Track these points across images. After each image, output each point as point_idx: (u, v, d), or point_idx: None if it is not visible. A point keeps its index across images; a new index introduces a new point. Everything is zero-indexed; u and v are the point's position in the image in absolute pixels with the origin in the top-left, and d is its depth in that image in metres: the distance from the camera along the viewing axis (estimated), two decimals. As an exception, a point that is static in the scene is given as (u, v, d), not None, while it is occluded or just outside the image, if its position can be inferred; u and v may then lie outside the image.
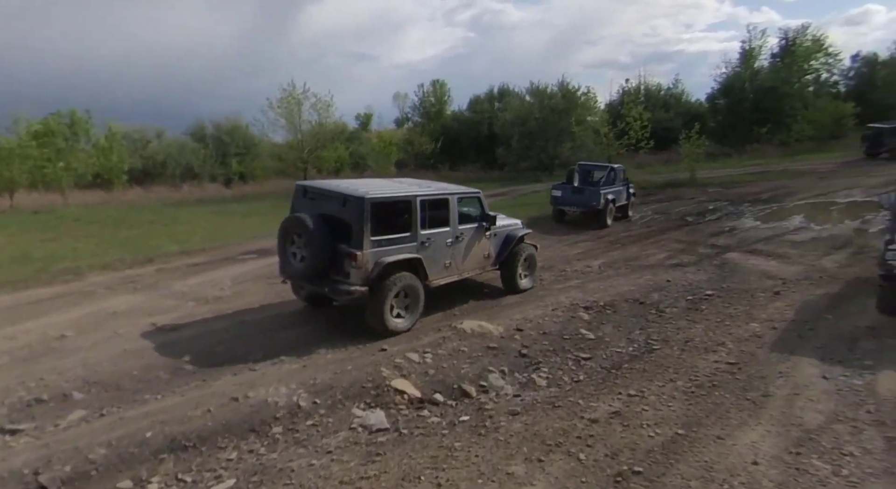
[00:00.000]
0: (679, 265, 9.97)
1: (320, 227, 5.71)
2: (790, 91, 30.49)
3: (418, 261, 6.16)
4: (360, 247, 5.58)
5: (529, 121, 26.03)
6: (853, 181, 20.04)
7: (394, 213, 6.17)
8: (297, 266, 5.93)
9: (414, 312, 6.19)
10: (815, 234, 12.17)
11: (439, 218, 6.52)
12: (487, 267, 7.53)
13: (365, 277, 5.65)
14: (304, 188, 6.43)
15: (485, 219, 7.21)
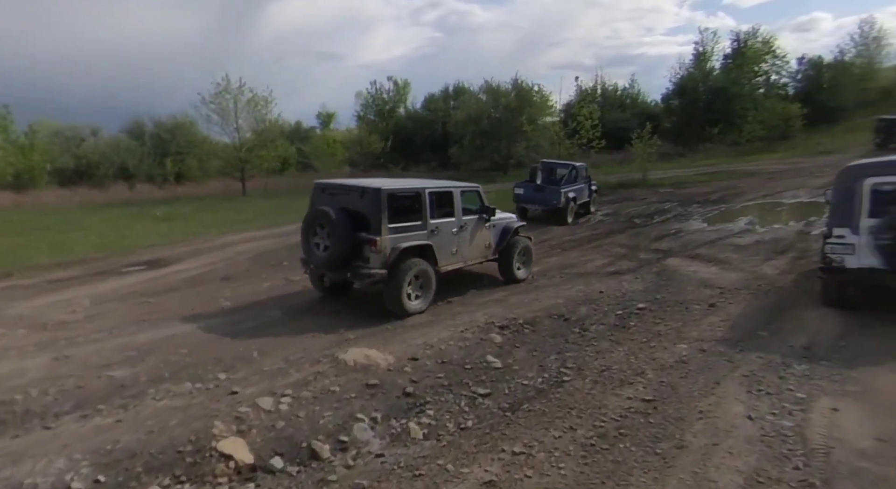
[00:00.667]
0: (617, 273, 9.28)
1: (342, 217, 6.29)
2: (741, 92, 30.79)
3: (429, 247, 6.80)
4: (378, 233, 6.20)
5: (483, 119, 25.29)
6: (800, 181, 20.06)
7: (406, 204, 6.75)
8: (321, 255, 6.49)
9: (427, 295, 6.81)
10: (758, 236, 11.73)
11: (445, 209, 7.21)
12: (488, 256, 8.13)
13: (384, 261, 6.26)
14: (322, 186, 7.07)
15: (485, 211, 7.86)
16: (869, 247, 5.99)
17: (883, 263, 5.92)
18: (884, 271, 5.94)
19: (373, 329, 6.18)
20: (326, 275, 7.06)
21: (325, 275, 7.07)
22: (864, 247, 6.03)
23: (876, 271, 5.99)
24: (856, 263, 6.09)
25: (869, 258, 6.01)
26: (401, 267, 6.41)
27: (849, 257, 6.14)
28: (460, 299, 7.65)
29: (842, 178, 6.54)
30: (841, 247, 6.19)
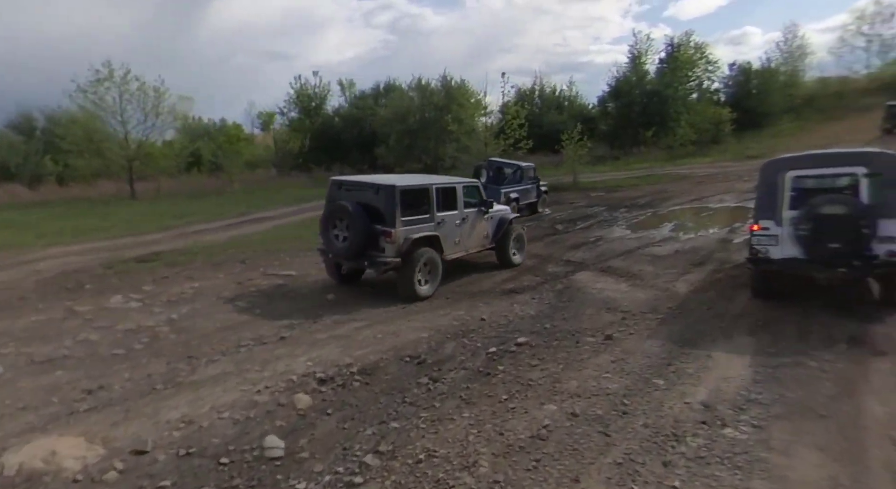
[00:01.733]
0: (514, 291, 7.84)
1: (359, 211, 6.83)
2: (674, 95, 30.68)
3: (436, 237, 7.41)
4: (393, 225, 6.77)
5: (410, 118, 23.69)
6: (728, 186, 19.56)
7: (416, 198, 7.29)
8: (340, 246, 7.01)
9: (434, 281, 7.43)
10: (679, 245, 10.65)
11: (449, 203, 7.80)
12: (486, 245, 8.78)
13: (397, 251, 6.84)
14: (338, 182, 7.62)
15: (483, 204, 8.48)
16: (790, 238, 6.12)
17: (803, 253, 6.06)
18: (804, 261, 6.09)
19: (118, 400, 4.35)
20: (344, 264, 7.56)
21: (343, 264, 7.57)
22: (786, 238, 6.17)
23: (797, 261, 6.14)
24: (779, 254, 6.24)
25: (791, 249, 6.14)
26: (413, 255, 7.01)
27: (773, 248, 6.28)
28: (299, 332, 5.95)
29: (765, 171, 6.62)
30: (765, 238, 6.35)
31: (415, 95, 24.99)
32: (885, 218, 5.68)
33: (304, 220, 14.66)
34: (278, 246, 11.02)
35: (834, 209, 5.80)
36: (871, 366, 4.75)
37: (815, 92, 36.07)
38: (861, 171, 5.97)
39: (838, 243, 5.76)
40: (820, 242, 5.87)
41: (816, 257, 5.96)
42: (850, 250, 5.75)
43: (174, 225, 13.42)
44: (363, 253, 7.01)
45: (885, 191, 5.78)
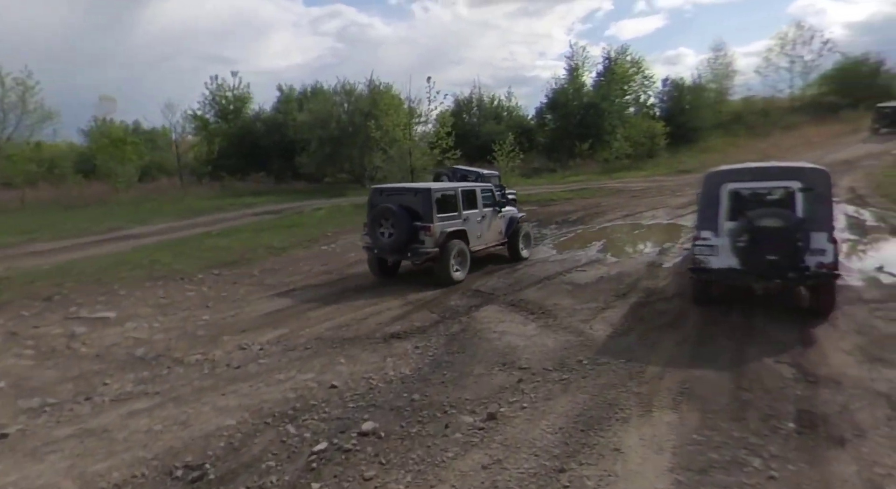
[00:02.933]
0: (396, 337, 6.22)
1: (402, 211, 8.14)
2: (610, 108, 30.43)
3: (463, 231, 8.79)
4: (431, 221, 8.15)
5: (331, 123, 21.81)
6: (661, 200, 18.89)
7: (446, 199, 8.66)
8: (387, 241, 8.20)
9: (464, 268, 8.78)
10: (604, 270, 9.41)
11: (471, 203, 9.12)
12: (500, 240, 9.92)
13: (435, 243, 8.18)
14: (380, 189, 8.93)
15: (497, 204, 9.73)
16: (728, 248, 6.19)
17: (740, 264, 6.15)
18: (741, 271, 6.18)
19: None
20: (390, 257, 8.56)
21: (389, 257, 8.55)
22: (724, 248, 6.25)
23: (735, 272, 6.23)
24: (718, 264, 6.35)
25: (729, 259, 6.23)
26: (447, 246, 8.25)
27: (712, 258, 6.38)
28: (38, 425, 4.05)
29: (706, 183, 6.66)
30: (706, 248, 6.42)
31: (340, 100, 23.17)
32: (816, 231, 5.85)
33: (179, 238, 12.48)
34: (117, 274, 8.97)
35: (771, 222, 5.84)
36: (830, 465, 3.44)
37: (742, 109, 37.11)
38: (796, 185, 6.07)
39: (776, 255, 5.84)
40: (757, 254, 5.93)
41: (754, 269, 6.05)
42: (787, 263, 5.86)
43: (9, 243, 10.98)
44: (406, 246, 8.11)
45: (815, 205, 5.96)
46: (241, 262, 10.26)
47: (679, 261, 9.92)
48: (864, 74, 35.22)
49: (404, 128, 18.06)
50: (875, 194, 16.35)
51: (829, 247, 5.90)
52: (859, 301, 6.90)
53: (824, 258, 5.88)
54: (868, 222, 12.74)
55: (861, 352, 5.23)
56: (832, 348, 5.38)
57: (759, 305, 6.89)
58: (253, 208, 17.72)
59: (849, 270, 8.57)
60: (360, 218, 16.41)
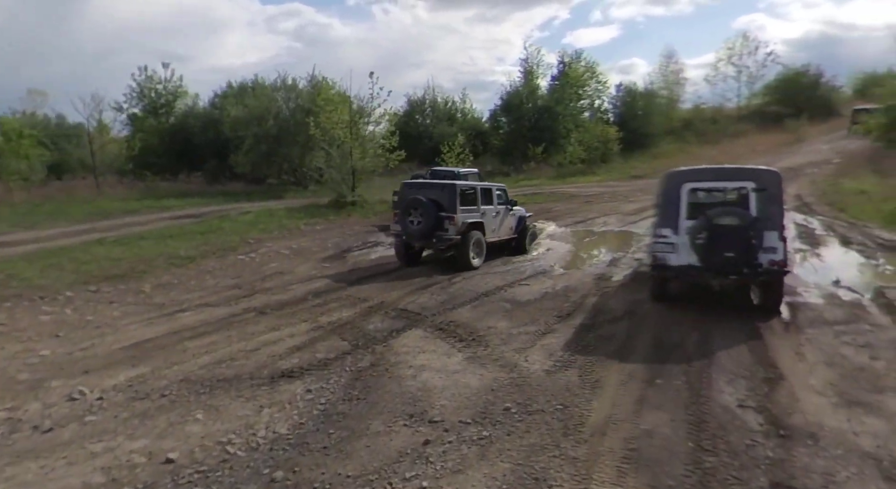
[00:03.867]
0: (287, 375, 5.01)
1: (429, 203, 9.11)
2: (564, 112, 30.02)
3: (481, 223, 9.69)
4: (454, 212, 9.08)
5: (268, 120, 20.20)
6: (614, 206, 18.32)
7: (468, 194, 9.54)
8: (416, 229, 9.21)
9: (481, 256, 9.66)
10: (549, 284, 8.47)
11: (487, 199, 10.05)
12: (511, 235, 10.84)
13: (457, 231, 9.11)
14: (409, 184, 10.22)
15: (509, 203, 10.71)
16: (687, 246, 6.31)
17: (699, 261, 6.27)
18: (699, 268, 6.29)
19: None
20: (417, 243, 9.63)
21: (416, 243, 9.62)
22: (683, 246, 6.36)
23: (693, 268, 6.34)
24: (676, 261, 6.46)
25: (688, 256, 6.35)
26: (467, 235, 9.29)
27: (671, 255, 6.49)
28: None
29: (665, 182, 6.79)
30: (665, 245, 6.52)
31: (279, 95, 21.55)
32: (768, 230, 6.07)
33: (62, 247, 10.67)
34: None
35: (729, 220, 6.03)
36: None
37: (692, 117, 37.67)
38: (750, 185, 6.27)
39: (732, 252, 6.03)
40: (715, 251, 6.10)
41: (711, 265, 6.21)
42: (742, 259, 6.05)
43: None
44: (432, 233, 9.02)
45: (768, 205, 6.18)
46: (129, 276, 8.73)
47: (629, 273, 9.12)
48: (804, 85, 36.38)
49: (346, 126, 16.72)
50: (820, 202, 16.30)
51: (779, 245, 6.12)
52: (822, 323, 6.18)
53: (775, 256, 6.10)
54: (817, 231, 12.44)
55: (835, 392, 4.41)
56: (802, 386, 4.55)
57: (715, 325, 6.07)
58: (172, 211, 15.97)
59: (806, 285, 7.96)
60: (292, 222, 15.02)
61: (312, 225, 14.70)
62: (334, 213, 16.62)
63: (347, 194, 16.74)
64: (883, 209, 13.61)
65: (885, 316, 6.40)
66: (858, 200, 15.28)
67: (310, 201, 18.29)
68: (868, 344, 5.49)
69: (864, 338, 5.65)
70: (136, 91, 24.76)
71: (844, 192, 16.94)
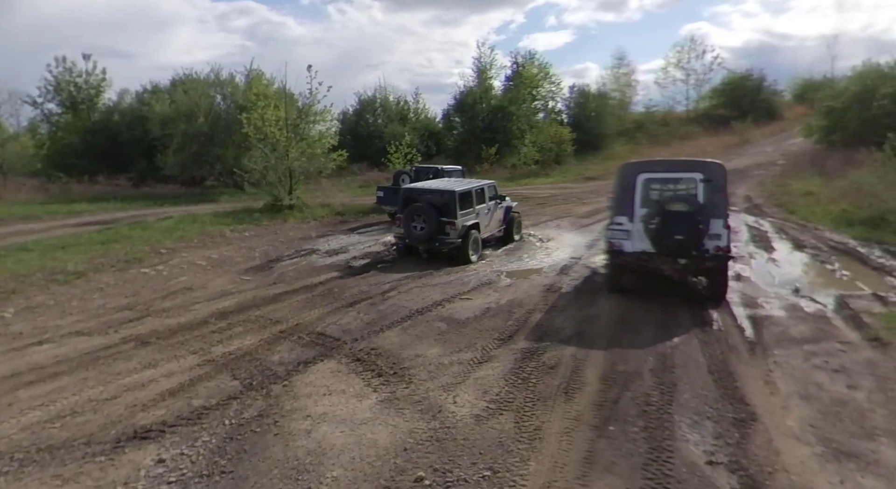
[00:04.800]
0: (143, 436, 3.87)
1: (431, 209, 9.62)
2: (518, 112, 29.50)
3: (477, 224, 10.14)
4: (455, 217, 9.58)
5: (198, 117, 18.54)
6: (567, 209, 17.72)
7: (466, 197, 10.01)
8: (419, 234, 9.67)
9: (477, 253, 10.07)
10: (493, 297, 7.57)
11: (480, 198, 10.52)
12: (501, 226, 11.36)
13: (458, 234, 9.60)
14: (409, 189, 10.46)
15: (498, 197, 11.22)
16: (641, 233, 6.75)
17: (651, 245, 6.70)
18: (652, 254, 6.73)
19: None
20: (422, 247, 10.01)
21: (420, 246, 10.01)
22: (638, 233, 6.79)
23: (646, 253, 6.77)
24: (631, 247, 6.88)
25: (641, 243, 6.79)
26: (467, 236, 9.74)
27: (626, 242, 6.91)
28: None
29: (622, 172, 7.23)
30: (621, 233, 6.94)
31: (213, 91, 19.89)
32: (714, 218, 6.45)
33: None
34: None
35: (679, 206, 6.45)
36: None
37: (644, 120, 38.08)
38: (698, 176, 6.67)
39: (682, 235, 6.38)
40: (667, 235, 6.45)
41: (663, 248, 6.55)
42: (691, 242, 6.41)
43: None
44: (434, 237, 9.65)
45: (714, 194, 6.54)
46: (-10, 298, 7.24)
47: (580, 283, 8.34)
48: (748, 89, 37.40)
49: (280, 123, 15.40)
50: (770, 204, 16.22)
51: (724, 232, 6.49)
52: (789, 341, 5.51)
53: (720, 242, 6.48)
54: (770, 233, 12.13)
55: (819, 439, 3.65)
56: (779, 430, 3.77)
57: (674, 348, 5.30)
58: (81, 217, 14.20)
59: (766, 295, 7.37)
60: (217, 229, 13.58)
61: (241, 231, 13.31)
62: (269, 217, 15.25)
63: (283, 197, 15.39)
64: (831, 211, 13.53)
65: (853, 331, 5.81)
66: (807, 202, 15.26)
67: (245, 205, 16.81)
68: (842, 368, 4.82)
69: (836, 360, 4.99)
70: (52, 84, 22.40)
71: (792, 193, 16.97)
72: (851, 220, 12.28)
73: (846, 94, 21.47)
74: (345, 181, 26.65)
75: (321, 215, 16.20)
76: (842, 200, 13.83)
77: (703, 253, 6.50)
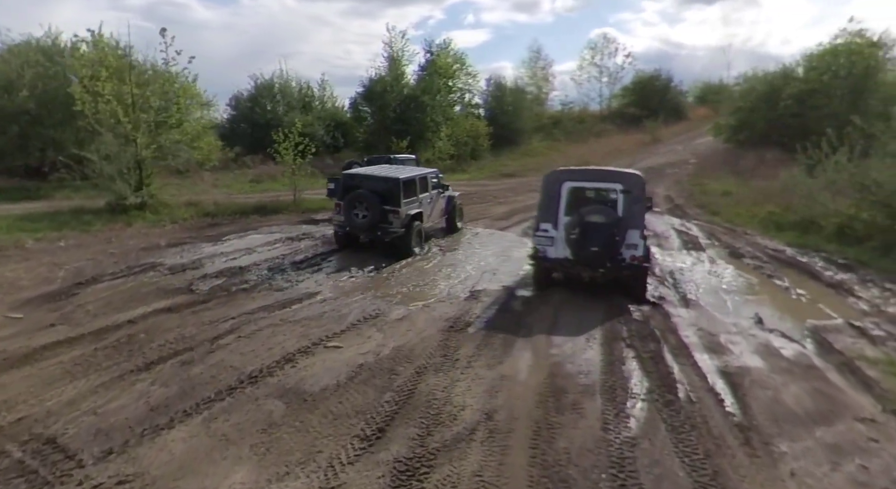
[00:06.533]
0: None
1: (374, 197, 9.10)
2: (432, 103, 27.38)
3: (421, 213, 9.79)
4: (399, 206, 9.09)
5: (21, 90, 14.43)
6: (483, 209, 15.69)
7: (410, 185, 9.57)
8: (361, 222, 9.16)
9: (422, 244, 9.77)
10: (374, 344, 5.29)
11: (424, 187, 10.14)
12: (443, 216, 11.18)
13: (402, 223, 9.15)
14: (350, 175, 9.93)
15: (441, 186, 11.04)
16: (564, 240, 6.82)
17: (572, 254, 6.78)
18: (573, 260, 6.83)
19: None
20: (363, 235, 9.64)
21: (362, 235, 9.65)
22: (560, 240, 6.87)
23: (568, 260, 6.88)
24: (554, 254, 6.97)
25: (563, 250, 6.86)
26: (410, 226, 9.35)
27: (550, 248, 6.98)
28: None
29: (547, 180, 7.33)
30: (545, 239, 7.01)
31: (48, 61, 15.67)
32: (632, 228, 6.62)
33: None
34: None
35: (597, 218, 6.59)
36: None
37: (560, 116, 37.56)
38: (618, 186, 6.82)
39: (598, 247, 6.54)
40: (584, 246, 6.61)
41: (582, 258, 6.71)
42: (607, 253, 6.57)
43: None
44: (377, 227, 9.13)
45: (632, 206, 6.73)
46: None
47: (494, 315, 6.30)
48: (657, 89, 38.03)
49: (127, 100, 12.03)
50: (691, 204, 15.37)
51: (640, 242, 6.60)
52: (793, 421, 3.75)
53: (636, 251, 6.58)
54: (701, 239, 10.91)
55: None
56: None
57: (629, 452, 3.31)
58: None
59: (726, 329, 5.72)
60: (13, 237, 10.09)
61: (52, 240, 9.95)
62: (107, 220, 11.85)
63: (128, 195, 12.05)
64: (757, 213, 12.72)
65: (862, 394, 4.20)
66: (727, 202, 14.50)
67: (77, 204, 13.16)
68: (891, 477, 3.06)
69: (875, 462, 3.24)
70: None
71: (710, 192, 16.30)
72: (780, 224, 11.40)
73: (754, 95, 21.55)
74: (233, 175, 23.14)
75: (184, 217, 13.02)
76: (766, 202, 13.07)
77: (618, 262, 6.61)
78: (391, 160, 14.51)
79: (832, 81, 19.05)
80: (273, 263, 9.07)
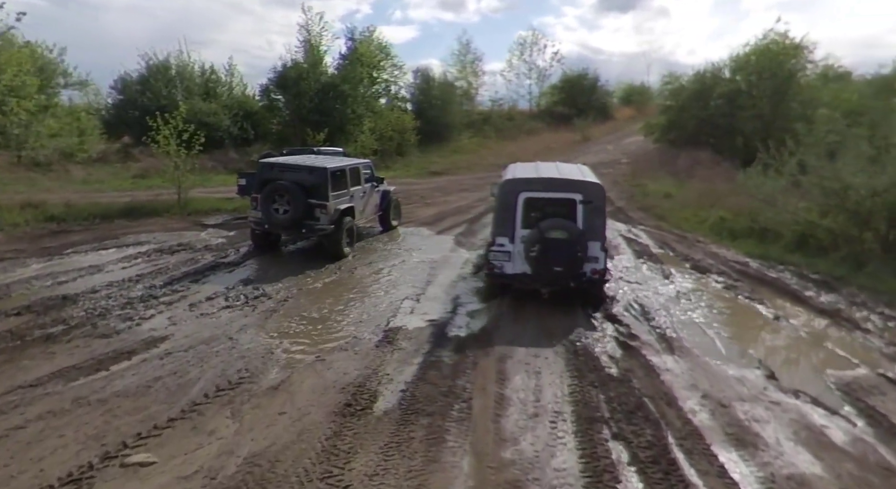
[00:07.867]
0: None
1: (297, 189, 8.09)
2: (353, 93, 24.94)
3: (352, 208, 8.79)
4: (326, 200, 8.12)
5: None
6: (405, 212, 13.75)
7: (339, 177, 8.64)
8: (281, 218, 8.13)
9: (353, 243, 8.80)
10: (220, 444, 3.13)
11: (356, 180, 9.19)
12: (377, 212, 10.26)
13: (330, 220, 8.18)
14: (269, 164, 8.74)
15: (375, 180, 10.05)
16: (521, 255, 6.38)
17: (531, 270, 6.35)
18: (531, 277, 6.40)
19: None
20: (284, 233, 8.72)
21: (283, 233, 8.71)
22: (518, 255, 6.43)
23: (527, 277, 6.44)
24: (512, 269, 6.51)
25: (522, 265, 6.41)
26: (340, 223, 8.35)
27: (507, 264, 6.52)
28: None
29: (502, 190, 6.84)
30: (501, 254, 6.56)
31: None
32: (592, 240, 6.25)
33: None
34: None
35: (559, 234, 6.19)
36: None
37: (490, 113, 36.35)
38: (578, 197, 6.36)
39: (560, 266, 6.18)
40: (546, 264, 6.19)
41: (542, 277, 6.29)
42: (569, 272, 6.21)
43: None
44: (301, 223, 8.11)
45: (593, 217, 6.38)
46: None
47: (414, 378, 4.36)
48: (584, 88, 37.84)
49: None
50: (633, 207, 14.28)
51: (601, 254, 6.34)
52: None
53: (597, 265, 6.29)
54: (653, 248, 9.63)
55: None
56: None
57: None
58: None
59: (736, 391, 4.15)
60: None
61: None
62: None
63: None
64: (703, 218, 11.73)
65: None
66: (671, 205, 13.52)
67: None
68: None
69: None
70: None
71: (651, 194, 15.34)
72: (733, 231, 10.38)
73: (685, 93, 21.18)
74: (113, 169, 19.66)
75: (16, 222, 10.00)
76: (711, 205, 12.12)
77: (580, 278, 6.31)
78: (315, 152, 13.11)
79: (758, 82, 18.95)
80: (119, 289, 6.64)
